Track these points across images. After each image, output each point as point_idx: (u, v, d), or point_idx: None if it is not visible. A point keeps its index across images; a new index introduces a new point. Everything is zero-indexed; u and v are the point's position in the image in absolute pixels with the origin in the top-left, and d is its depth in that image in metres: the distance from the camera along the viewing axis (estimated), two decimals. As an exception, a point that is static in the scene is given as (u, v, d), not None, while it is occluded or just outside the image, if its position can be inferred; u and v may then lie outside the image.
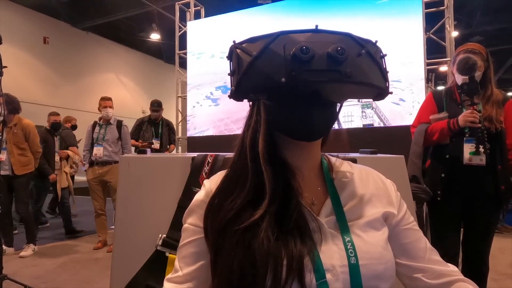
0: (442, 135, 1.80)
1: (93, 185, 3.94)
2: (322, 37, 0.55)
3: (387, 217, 0.66)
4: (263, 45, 0.55)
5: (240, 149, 0.65)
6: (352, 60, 0.54)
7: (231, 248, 0.56)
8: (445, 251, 1.83)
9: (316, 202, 0.64)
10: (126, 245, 1.09)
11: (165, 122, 4.64)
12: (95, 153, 3.90)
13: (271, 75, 0.54)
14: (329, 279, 0.56)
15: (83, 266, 3.38)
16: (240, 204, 0.59)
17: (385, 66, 0.59)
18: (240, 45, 0.59)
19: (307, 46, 0.53)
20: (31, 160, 3.80)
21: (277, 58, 0.54)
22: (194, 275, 0.63)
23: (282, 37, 0.55)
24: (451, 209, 1.83)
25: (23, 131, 3.72)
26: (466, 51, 1.83)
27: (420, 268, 0.66)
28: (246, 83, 0.58)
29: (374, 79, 0.57)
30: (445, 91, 1.92)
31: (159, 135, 4.52)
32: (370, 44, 0.58)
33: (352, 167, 0.72)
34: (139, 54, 15.71)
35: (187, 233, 0.66)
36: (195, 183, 1.03)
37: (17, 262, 3.51)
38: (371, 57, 0.57)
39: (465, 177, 1.78)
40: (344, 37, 0.56)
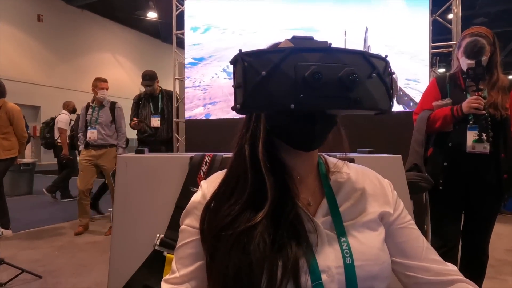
0: (445, 123, 1.75)
1: (85, 164, 3.84)
2: (334, 58, 0.52)
3: (383, 216, 0.66)
4: (273, 64, 0.51)
5: (239, 152, 0.65)
6: (362, 84, 0.53)
7: (226, 251, 0.56)
8: (445, 241, 1.81)
9: (312, 203, 0.65)
10: (124, 244, 1.09)
11: (165, 94, 4.02)
12: (89, 136, 3.83)
13: (280, 99, 0.52)
14: (325, 280, 0.56)
15: (81, 249, 3.38)
16: (237, 211, 0.59)
17: (391, 84, 0.58)
18: (247, 58, 0.54)
19: (320, 72, 0.50)
20: (14, 145, 3.71)
21: (287, 81, 0.51)
22: (192, 276, 0.63)
23: (293, 56, 0.51)
24: (452, 198, 1.80)
25: (7, 114, 3.63)
26: (472, 34, 1.76)
27: (417, 267, 0.65)
28: (253, 102, 0.54)
29: (380, 102, 0.55)
30: (449, 76, 1.85)
31: (159, 111, 3.94)
32: (381, 61, 0.56)
33: (349, 167, 0.72)
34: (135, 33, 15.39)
35: (184, 234, 0.66)
36: (193, 183, 1.03)
37: (14, 244, 3.51)
38: (380, 78, 0.55)
39: (467, 165, 1.74)
40: (356, 57, 0.54)
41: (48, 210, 5.24)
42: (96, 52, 14.24)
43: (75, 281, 2.61)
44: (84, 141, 3.91)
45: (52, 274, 2.73)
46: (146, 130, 3.91)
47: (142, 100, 4.02)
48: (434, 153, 1.86)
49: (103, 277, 2.60)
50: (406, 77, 2.91)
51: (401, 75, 2.92)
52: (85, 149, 3.89)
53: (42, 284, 2.54)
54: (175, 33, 4.01)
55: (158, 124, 3.88)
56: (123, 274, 1.04)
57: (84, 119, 3.92)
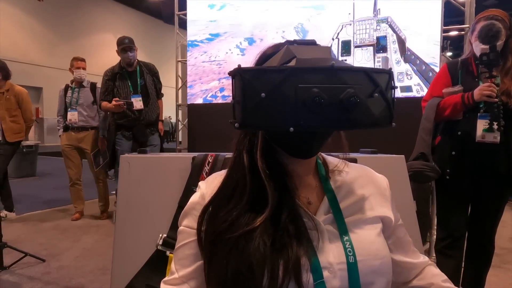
0: (455, 110, 1.68)
1: (68, 151, 3.71)
2: (336, 78, 0.51)
3: (383, 220, 0.68)
4: (272, 86, 0.50)
5: (238, 158, 0.65)
6: (363, 105, 0.51)
7: (224, 255, 0.56)
8: (451, 231, 1.79)
9: (312, 202, 0.65)
10: (127, 244, 1.10)
11: (144, 68, 3.41)
12: (69, 118, 3.64)
13: (279, 121, 0.52)
14: (327, 276, 0.57)
15: (84, 232, 3.40)
16: (236, 216, 0.59)
17: (393, 97, 0.57)
18: (246, 75, 0.53)
19: (321, 96, 0.49)
20: (23, 128, 3.70)
21: (286, 103, 0.50)
22: (191, 276, 0.63)
23: (293, 77, 0.50)
24: (460, 188, 1.76)
25: (15, 97, 3.61)
26: (488, 17, 1.67)
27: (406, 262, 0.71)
28: (251, 121, 0.54)
29: (381, 119, 0.55)
30: (461, 62, 1.77)
31: (139, 89, 3.32)
32: (384, 75, 0.55)
33: (348, 166, 0.72)
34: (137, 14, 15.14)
35: (182, 235, 0.66)
36: (195, 183, 1.03)
37: (17, 227, 3.53)
38: (382, 95, 0.54)
39: (476, 155, 1.68)
40: (359, 75, 0.52)
41: (52, 192, 5.26)
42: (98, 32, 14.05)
43: (79, 264, 2.62)
44: (63, 124, 3.75)
45: (56, 257, 2.74)
46: (128, 114, 3.31)
47: (117, 78, 3.34)
48: (442, 142, 1.80)
49: (107, 261, 2.60)
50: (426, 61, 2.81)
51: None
52: (64, 132, 3.74)
53: (45, 267, 2.55)
54: (177, 14, 3.90)
55: (142, 106, 3.29)
56: (126, 274, 1.05)
57: (63, 101, 3.72)
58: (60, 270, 2.51)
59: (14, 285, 2.28)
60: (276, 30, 3.34)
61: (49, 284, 2.29)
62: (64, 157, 3.78)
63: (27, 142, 6.82)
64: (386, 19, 2.98)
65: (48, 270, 2.50)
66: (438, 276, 0.71)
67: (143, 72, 3.41)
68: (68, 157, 3.74)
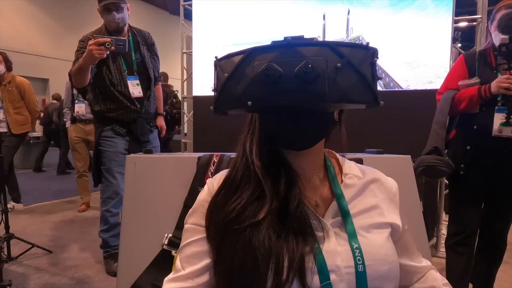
0: (470, 104, 1.63)
1: (76, 143, 3.67)
2: (294, 52, 0.51)
3: (392, 227, 0.67)
4: (235, 65, 0.55)
5: (242, 152, 0.66)
6: (324, 76, 0.50)
7: (231, 246, 0.56)
8: (464, 227, 1.74)
9: (320, 204, 0.64)
10: (133, 244, 1.11)
11: (139, 37, 2.36)
12: (77, 111, 3.57)
13: (239, 97, 0.55)
14: (334, 279, 0.56)
15: (91, 223, 3.41)
16: (242, 206, 0.59)
17: (373, 74, 0.55)
18: (219, 62, 0.58)
19: (272, 67, 0.51)
20: (27, 119, 3.71)
21: (246, 79, 0.54)
22: (198, 273, 0.62)
23: (252, 55, 0.54)
24: (474, 183, 1.71)
25: (17, 88, 3.60)
26: (509, 6, 1.60)
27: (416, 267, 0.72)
28: (221, 102, 0.59)
29: (355, 94, 0.53)
30: (478, 53, 1.70)
31: (134, 68, 2.29)
32: (357, 49, 0.54)
33: (360, 170, 0.71)
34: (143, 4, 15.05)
35: (189, 233, 0.65)
36: (201, 183, 1.03)
37: (24, 218, 3.56)
38: (352, 67, 0.52)
39: (493, 150, 1.63)
40: (321, 49, 0.52)
41: (58, 183, 5.29)
42: (103, 23, 13.98)
43: (85, 256, 2.63)
44: (70, 116, 3.70)
45: (62, 248, 2.76)
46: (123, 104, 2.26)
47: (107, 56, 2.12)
48: (457, 136, 1.75)
49: (112, 253, 2.61)
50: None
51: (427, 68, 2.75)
52: (72, 124, 3.68)
53: (52, 258, 2.57)
54: (183, 4, 3.85)
55: (140, 92, 2.29)
56: (132, 273, 1.05)
57: (70, 93, 3.63)
58: (66, 261, 2.53)
59: (21, 275, 2.30)
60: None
61: (55, 275, 2.31)
62: (72, 149, 3.78)
63: (34, 134, 6.87)
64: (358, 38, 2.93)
65: (55, 261, 2.52)
66: (439, 280, 0.72)
67: (138, 43, 2.34)
68: (75, 149, 3.73)
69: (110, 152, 2.29)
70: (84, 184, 3.89)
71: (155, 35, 2.45)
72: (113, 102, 2.26)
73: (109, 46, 1.95)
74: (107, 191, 2.30)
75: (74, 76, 2.13)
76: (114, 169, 2.28)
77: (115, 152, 2.30)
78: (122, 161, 2.27)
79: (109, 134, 2.31)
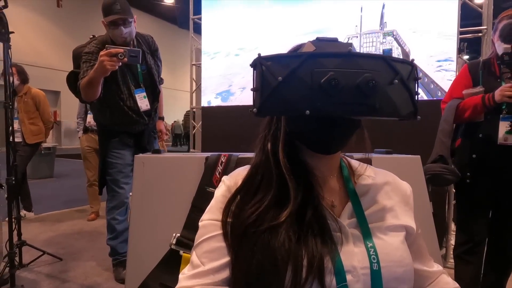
0: (475, 112, 1.65)
1: (87, 152, 3.76)
2: (353, 63, 0.51)
3: (407, 230, 0.67)
4: (290, 70, 0.52)
5: (262, 152, 0.66)
6: (382, 91, 0.51)
7: (250, 248, 0.56)
8: (471, 236, 1.74)
9: (336, 205, 0.65)
10: (141, 243, 1.11)
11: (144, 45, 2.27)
12: (89, 121, 3.67)
13: (295, 105, 0.52)
14: (350, 280, 0.56)
15: (100, 232, 3.45)
16: (264, 208, 0.59)
17: (417, 90, 0.56)
18: (266, 62, 0.55)
19: (336, 78, 0.49)
20: (41, 130, 3.80)
21: (303, 87, 0.51)
22: (219, 269, 0.60)
23: (310, 62, 0.51)
24: (480, 192, 1.71)
25: (33, 100, 3.71)
26: (510, 16, 1.63)
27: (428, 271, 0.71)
28: (269, 106, 0.55)
29: (402, 108, 0.54)
30: (482, 63, 1.73)
31: (140, 80, 2.23)
32: (405, 66, 0.54)
33: (374, 172, 0.72)
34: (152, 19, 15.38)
35: (208, 228, 0.64)
36: (208, 183, 1.04)
37: (35, 226, 3.61)
38: (403, 84, 0.53)
39: (498, 158, 1.64)
40: (377, 62, 0.52)
41: (69, 193, 5.36)
42: (114, 37, 14.28)
43: (94, 263, 2.66)
44: (83, 126, 3.78)
45: (72, 256, 2.79)
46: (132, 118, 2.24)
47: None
48: (463, 144, 1.76)
49: (121, 261, 2.63)
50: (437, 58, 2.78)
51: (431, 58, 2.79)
52: (84, 134, 3.79)
53: (62, 265, 2.60)
54: (192, 18, 3.96)
55: (148, 105, 2.26)
56: (140, 272, 1.06)
57: (84, 104, 3.69)
58: (76, 269, 2.56)
59: (32, 282, 2.34)
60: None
61: (65, 282, 2.34)
62: (83, 158, 3.86)
63: (45, 144, 6.99)
64: (392, 32, 2.98)
65: (65, 269, 2.55)
66: (450, 284, 0.72)
67: (143, 53, 2.22)
68: (87, 158, 3.81)
69: (119, 164, 2.28)
70: (95, 193, 3.93)
71: (165, 48, 2.52)
72: (122, 117, 2.23)
73: (121, 57, 1.86)
74: (114, 200, 2.30)
75: (84, 89, 1.99)
76: (121, 180, 2.30)
77: (123, 164, 2.29)
78: (129, 172, 2.33)
79: (117, 146, 2.29)
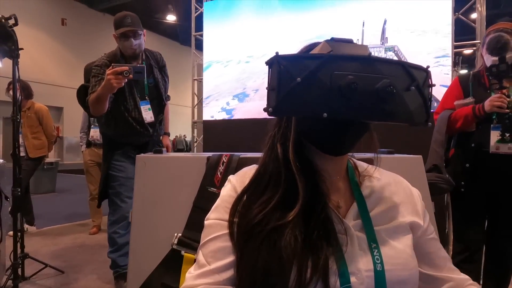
0: (466, 122, 1.70)
1: (90, 166, 3.81)
2: (373, 68, 0.51)
3: (413, 226, 0.66)
4: (309, 71, 0.51)
5: (271, 151, 0.65)
6: (399, 97, 0.51)
7: (255, 247, 0.56)
8: (467, 245, 1.76)
9: (342, 205, 0.64)
10: (143, 243, 1.10)
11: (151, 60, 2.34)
12: (92, 135, 3.74)
13: (313, 107, 0.51)
14: (354, 282, 0.56)
15: (102, 245, 3.45)
16: (271, 208, 0.59)
17: (430, 96, 0.56)
18: (283, 61, 0.53)
19: (356, 82, 0.49)
20: (44, 144, 3.86)
21: (322, 89, 0.50)
22: (225, 268, 0.60)
23: (330, 64, 0.51)
24: (475, 201, 1.75)
25: (36, 114, 3.79)
26: (497, 30, 1.71)
27: (441, 278, 0.67)
28: (286, 106, 0.53)
29: (416, 115, 0.54)
30: (472, 75, 1.80)
31: (146, 93, 2.26)
32: (421, 72, 0.55)
33: (381, 173, 0.72)
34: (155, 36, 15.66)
35: (214, 228, 0.64)
36: (210, 183, 1.03)
37: (37, 240, 3.62)
38: (419, 90, 0.54)
39: (491, 166, 1.68)
40: (395, 68, 0.53)
41: (70, 207, 5.38)
42: (117, 54, 14.51)
43: (96, 276, 2.67)
44: (86, 140, 3.83)
45: (74, 269, 2.80)
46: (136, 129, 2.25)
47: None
48: (456, 154, 1.81)
49: (123, 274, 2.64)
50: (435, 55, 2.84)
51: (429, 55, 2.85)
52: (87, 148, 3.83)
53: (64, 278, 2.61)
54: (194, 35, 4.06)
55: (152, 117, 2.27)
56: (142, 272, 1.05)
57: (87, 118, 3.80)
58: (78, 282, 2.56)
59: (34, 295, 2.34)
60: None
61: (67, 295, 2.34)
62: (86, 172, 3.90)
63: (48, 159, 7.04)
64: (393, 48, 3.06)
65: (67, 281, 2.56)
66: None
67: (151, 67, 2.30)
68: (89, 172, 3.85)
69: (121, 177, 2.27)
70: (96, 207, 3.95)
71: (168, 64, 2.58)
72: (127, 128, 2.25)
73: (127, 74, 1.91)
74: (115, 214, 2.28)
75: (93, 105, 2.07)
76: (124, 193, 2.27)
77: (126, 177, 2.27)
78: (131, 185, 2.28)
79: (120, 158, 2.30)
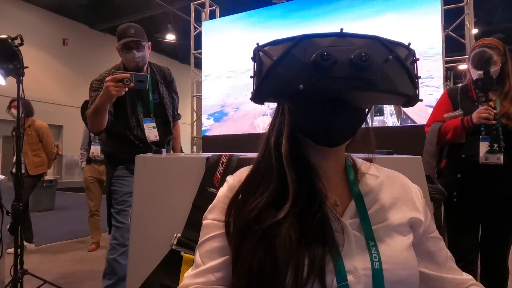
0: (455, 134, 1.76)
1: (90, 183, 3.83)
2: (347, 41, 0.52)
3: (413, 223, 0.65)
4: (285, 49, 0.54)
5: (265, 148, 0.65)
6: (377, 66, 0.51)
7: (251, 246, 0.56)
8: (462, 254, 1.77)
9: (339, 204, 0.64)
10: (142, 244, 1.10)
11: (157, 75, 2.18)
12: (92, 152, 3.78)
13: (290, 81, 0.53)
14: (351, 281, 0.56)
15: (101, 262, 3.43)
16: (263, 204, 0.59)
17: (416, 72, 0.57)
18: (263, 48, 0.57)
19: (329, 52, 0.50)
20: (44, 161, 3.90)
21: (297, 64, 0.53)
22: (218, 268, 0.61)
23: (304, 41, 0.53)
24: (468, 210, 1.78)
25: (36, 132, 3.84)
26: (481, 45, 1.79)
27: (443, 278, 0.66)
28: (265, 87, 0.57)
29: (401, 86, 0.54)
30: (460, 88, 1.87)
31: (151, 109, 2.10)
32: (401, 47, 0.55)
33: (378, 170, 0.71)
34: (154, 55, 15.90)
35: (208, 228, 0.65)
36: (209, 183, 1.03)
37: (36, 257, 3.61)
38: (399, 62, 0.54)
39: (482, 177, 1.73)
40: (371, 41, 0.53)
41: (69, 225, 5.36)
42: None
43: (95, 293, 2.66)
44: (86, 157, 3.86)
45: (73, 285, 2.79)
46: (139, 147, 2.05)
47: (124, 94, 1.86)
48: (448, 165, 1.86)
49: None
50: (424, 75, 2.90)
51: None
52: (87, 165, 3.86)
53: (63, 295, 2.60)
54: (193, 53, 4.17)
55: (157, 136, 2.12)
56: (141, 273, 1.05)
57: (88, 135, 3.84)
58: (77, 298, 2.56)
59: (33, 311, 2.33)
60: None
61: (66, 311, 2.33)
62: (86, 188, 3.91)
63: (47, 177, 7.04)
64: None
65: (66, 298, 2.55)
66: None
67: (157, 83, 2.16)
68: (89, 188, 3.86)
69: (123, 192, 2.08)
70: (96, 223, 3.96)
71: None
72: (128, 146, 2.08)
73: (127, 82, 1.75)
74: (117, 233, 2.09)
75: (90, 118, 1.89)
76: (127, 210, 2.08)
77: (127, 192, 2.06)
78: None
79: (122, 174, 2.12)
